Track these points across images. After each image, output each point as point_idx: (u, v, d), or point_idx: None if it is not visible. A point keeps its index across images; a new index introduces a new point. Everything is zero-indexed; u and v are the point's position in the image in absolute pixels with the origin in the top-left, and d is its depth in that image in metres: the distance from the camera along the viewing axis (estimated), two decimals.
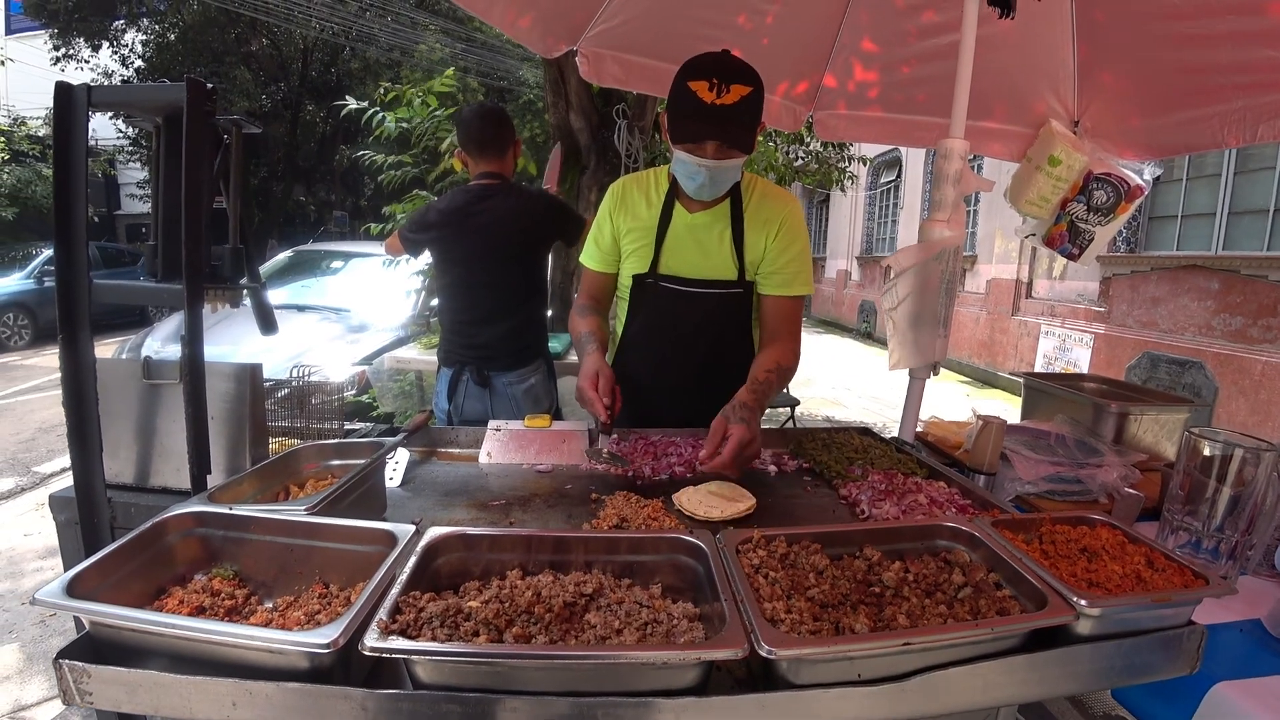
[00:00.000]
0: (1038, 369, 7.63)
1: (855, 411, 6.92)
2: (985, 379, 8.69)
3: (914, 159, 11.03)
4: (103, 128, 19.63)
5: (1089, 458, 1.44)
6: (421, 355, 3.94)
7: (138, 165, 20.15)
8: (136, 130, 19.08)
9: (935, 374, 1.64)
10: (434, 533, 0.87)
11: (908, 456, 1.36)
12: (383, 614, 0.69)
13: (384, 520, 1.08)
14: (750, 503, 1.22)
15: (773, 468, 1.44)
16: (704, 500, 1.23)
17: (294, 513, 0.95)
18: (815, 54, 2.81)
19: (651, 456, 1.46)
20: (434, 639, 0.69)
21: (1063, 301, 7.49)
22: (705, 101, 1.36)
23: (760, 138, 5.83)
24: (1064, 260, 7.59)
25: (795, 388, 8.20)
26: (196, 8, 17.84)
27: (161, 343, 4.52)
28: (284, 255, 7.24)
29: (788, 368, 1.54)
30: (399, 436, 1.37)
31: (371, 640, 0.65)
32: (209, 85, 1.27)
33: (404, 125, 4.58)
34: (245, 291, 1.49)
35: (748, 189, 1.63)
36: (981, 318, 8.99)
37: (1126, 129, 2.60)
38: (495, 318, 2.36)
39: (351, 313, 5.56)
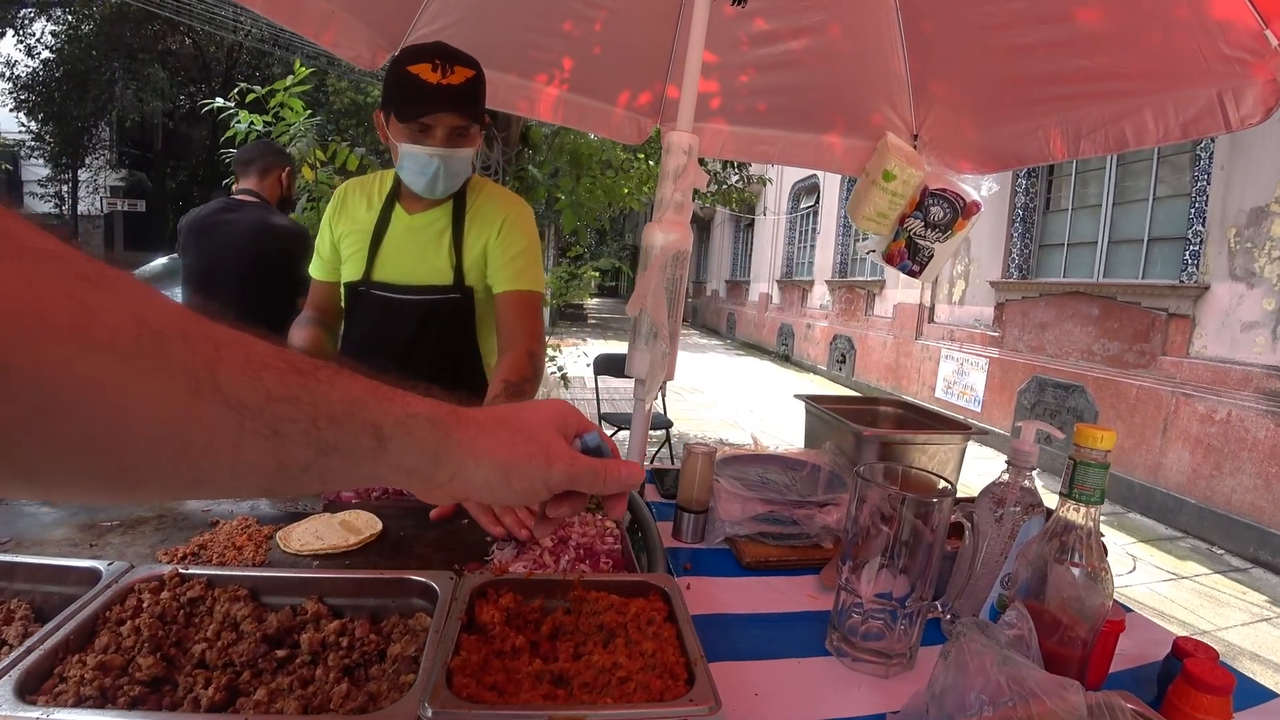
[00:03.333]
0: (938, 393, 7.70)
1: (749, 435, 6.80)
2: None
3: (831, 185, 11.18)
4: (5, 120, 18.41)
5: (831, 494, 1.26)
6: None
7: (41, 162, 18.95)
8: (40, 124, 18.01)
9: (660, 394, 1.45)
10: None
11: None
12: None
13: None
14: (364, 536, 1.01)
15: None
16: (317, 531, 1.01)
17: None
18: (653, 64, 2.66)
19: None
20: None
21: (961, 326, 7.59)
22: (431, 82, 1.30)
23: (642, 154, 5.76)
24: (962, 285, 7.72)
25: (697, 408, 8.11)
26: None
27: None
28: (159, 262, 6.82)
29: (519, 380, 1.37)
30: None
31: None
32: None
33: (265, 127, 4.27)
34: None
35: (474, 189, 1.52)
36: (888, 342, 9.08)
37: (962, 141, 2.52)
38: None
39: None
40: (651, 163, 5.60)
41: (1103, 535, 0.88)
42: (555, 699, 0.56)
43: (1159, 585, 3.91)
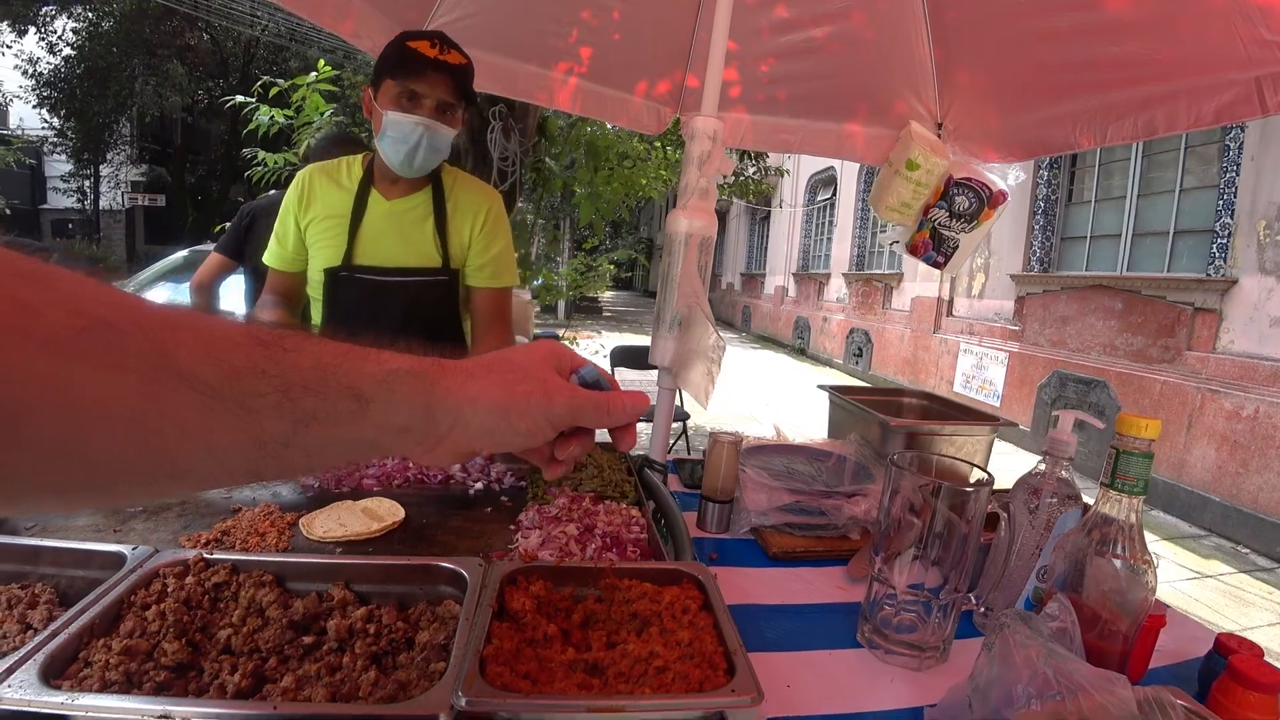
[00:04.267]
0: (957, 387, 7.61)
1: (766, 428, 6.77)
2: None
3: (848, 177, 11.07)
4: (28, 116, 18.69)
5: (858, 484, 1.24)
6: None
7: (64, 157, 19.22)
8: (62, 120, 18.25)
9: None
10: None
11: (627, 480, 1.15)
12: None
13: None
14: (387, 523, 1.01)
15: (478, 484, 1.21)
16: (339, 518, 1.01)
17: None
18: (672, 52, 2.63)
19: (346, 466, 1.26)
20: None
21: (981, 320, 7.50)
22: (429, 55, 1.37)
23: (659, 143, 5.72)
24: (982, 279, 7.59)
25: (714, 401, 8.01)
26: None
27: None
28: (179, 255, 6.92)
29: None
30: None
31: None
32: None
33: (286, 121, 4.30)
34: None
35: (448, 175, 1.57)
36: (906, 335, 8.99)
37: (987, 129, 2.48)
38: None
39: (235, 315, 5.47)
40: (669, 149, 5.57)
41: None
42: (590, 689, 0.55)
43: (1182, 584, 3.85)
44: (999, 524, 0.93)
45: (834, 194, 11.90)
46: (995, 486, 0.86)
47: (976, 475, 0.88)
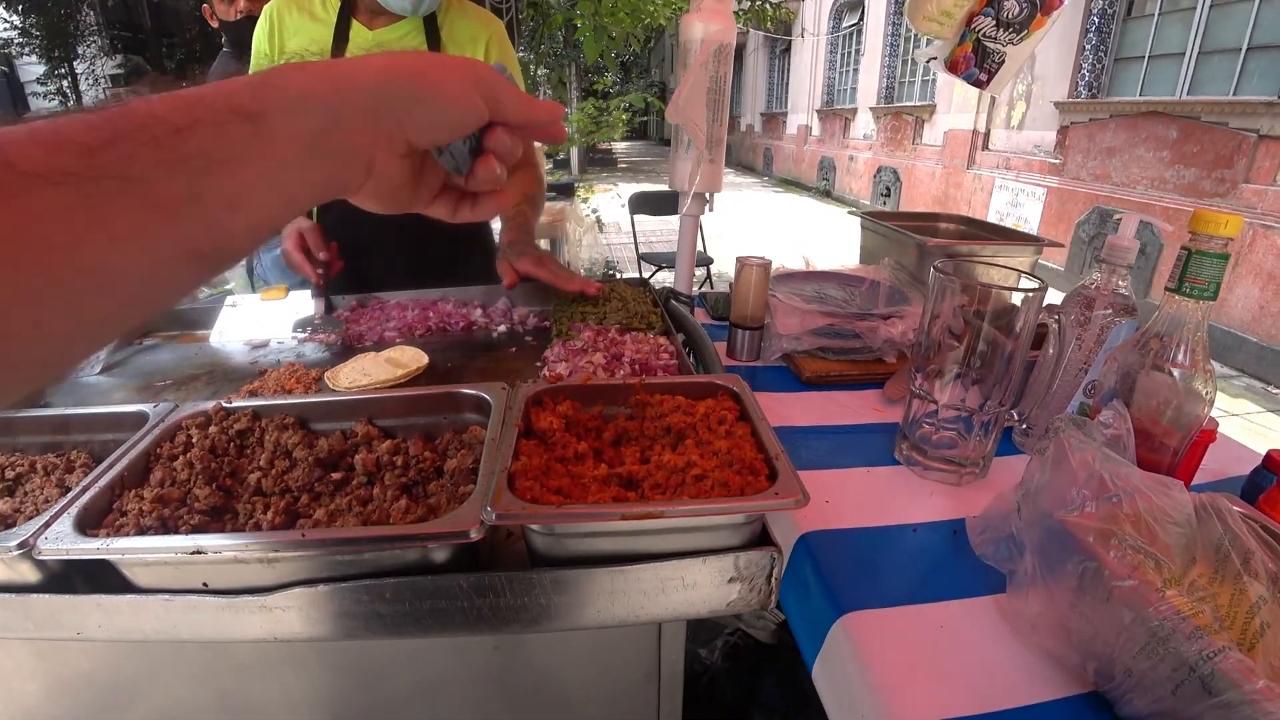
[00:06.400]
0: None
1: (800, 257, 6.65)
2: None
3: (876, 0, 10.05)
4: None
5: (894, 306, 1.19)
6: None
7: (35, 59, 17.98)
8: (22, 17, 16.73)
9: (709, 209, 1.35)
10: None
11: (653, 310, 1.11)
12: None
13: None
14: (411, 369, 1.00)
15: (501, 328, 1.19)
16: (364, 368, 1.00)
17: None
18: None
19: (366, 321, 1.26)
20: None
21: (1019, 154, 7.05)
22: None
23: None
24: (1023, 108, 7.06)
25: (737, 246, 7.85)
26: None
27: None
28: None
29: (534, 194, 1.42)
30: None
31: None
32: None
33: None
34: None
35: (443, 3, 1.37)
36: (937, 172, 8.53)
37: None
38: None
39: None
40: None
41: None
42: (626, 501, 0.53)
43: None
44: (1046, 340, 0.88)
45: (861, 18, 10.85)
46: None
47: (1026, 283, 0.81)
